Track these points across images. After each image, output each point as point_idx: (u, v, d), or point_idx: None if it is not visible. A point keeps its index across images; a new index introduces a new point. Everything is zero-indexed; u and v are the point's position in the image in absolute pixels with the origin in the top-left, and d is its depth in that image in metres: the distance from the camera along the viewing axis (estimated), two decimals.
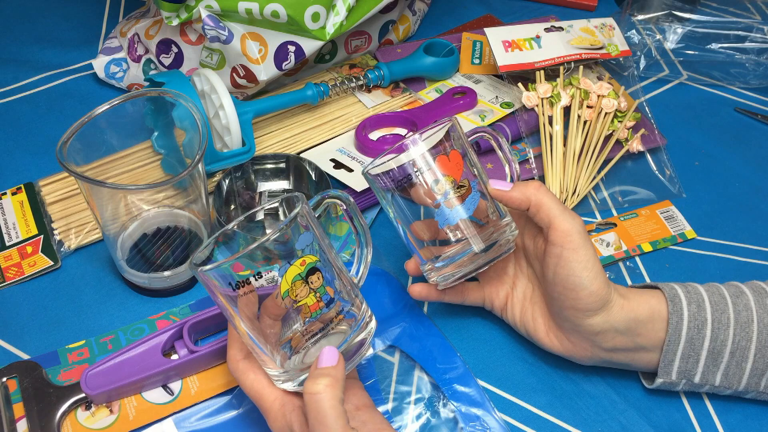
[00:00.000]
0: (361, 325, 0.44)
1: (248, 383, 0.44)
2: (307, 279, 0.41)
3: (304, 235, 0.42)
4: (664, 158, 0.72)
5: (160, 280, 0.57)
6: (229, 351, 0.46)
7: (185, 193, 0.57)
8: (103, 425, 0.49)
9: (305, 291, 0.41)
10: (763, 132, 0.78)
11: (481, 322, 0.57)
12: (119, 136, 0.57)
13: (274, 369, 0.43)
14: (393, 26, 0.81)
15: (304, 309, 0.41)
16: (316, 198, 0.46)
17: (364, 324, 0.45)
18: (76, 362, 0.53)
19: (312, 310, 0.42)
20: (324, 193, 0.47)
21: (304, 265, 0.41)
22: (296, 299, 0.41)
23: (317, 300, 0.42)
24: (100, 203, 0.53)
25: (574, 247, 0.46)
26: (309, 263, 0.41)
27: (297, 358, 0.43)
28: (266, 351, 0.42)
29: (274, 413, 0.43)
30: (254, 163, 0.65)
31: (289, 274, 0.40)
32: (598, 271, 0.47)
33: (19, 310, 0.57)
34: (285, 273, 0.40)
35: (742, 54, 0.82)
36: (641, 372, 0.53)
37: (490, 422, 0.50)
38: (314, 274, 0.41)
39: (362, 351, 0.44)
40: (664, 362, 0.49)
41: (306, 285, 0.41)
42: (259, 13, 0.65)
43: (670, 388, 0.51)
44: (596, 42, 0.77)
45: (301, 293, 0.41)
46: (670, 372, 0.49)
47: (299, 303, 0.41)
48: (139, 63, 0.74)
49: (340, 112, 0.73)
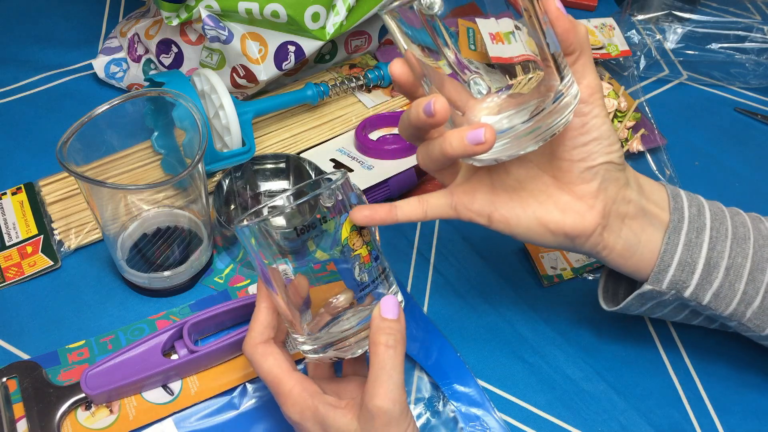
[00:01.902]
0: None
1: (266, 367, 0.43)
2: (360, 231, 0.43)
3: (353, 193, 0.44)
4: (664, 158, 0.72)
5: (160, 280, 0.57)
6: (249, 333, 0.45)
7: (185, 193, 0.57)
8: (103, 425, 0.49)
9: (360, 242, 0.43)
10: (763, 132, 0.78)
11: (481, 322, 0.57)
12: (119, 136, 0.57)
13: (301, 335, 0.44)
14: None
15: (359, 260, 0.42)
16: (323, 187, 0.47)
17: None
18: (76, 362, 0.53)
19: (365, 261, 0.43)
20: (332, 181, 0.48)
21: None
22: (353, 247, 0.42)
23: (368, 252, 0.43)
24: (100, 203, 0.53)
25: (600, 105, 0.43)
26: None
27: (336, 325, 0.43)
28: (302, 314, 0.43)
29: (293, 399, 0.42)
30: (254, 163, 0.65)
31: (348, 224, 0.42)
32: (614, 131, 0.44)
33: (19, 310, 0.57)
34: (344, 222, 0.42)
35: (742, 54, 0.82)
36: (603, 295, 0.51)
37: (490, 422, 0.50)
38: (364, 229, 0.43)
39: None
40: (660, 266, 0.46)
41: (360, 236, 0.43)
42: (259, 13, 0.65)
43: (648, 302, 0.48)
44: (596, 42, 0.77)
45: (356, 243, 0.42)
46: (662, 279, 0.46)
47: (355, 252, 0.42)
48: (139, 63, 0.74)
49: (340, 112, 0.73)
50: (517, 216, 0.45)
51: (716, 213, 0.47)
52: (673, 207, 0.47)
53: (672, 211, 0.46)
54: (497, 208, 0.45)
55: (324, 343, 0.43)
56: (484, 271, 0.61)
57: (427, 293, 0.59)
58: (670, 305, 0.49)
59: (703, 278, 0.46)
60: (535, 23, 0.39)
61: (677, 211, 0.46)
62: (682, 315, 0.50)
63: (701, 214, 0.47)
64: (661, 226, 0.46)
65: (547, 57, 0.39)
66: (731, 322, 0.48)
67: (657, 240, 0.46)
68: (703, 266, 0.46)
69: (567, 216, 0.44)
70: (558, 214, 0.44)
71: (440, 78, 0.41)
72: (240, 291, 0.58)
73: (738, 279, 0.46)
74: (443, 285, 0.60)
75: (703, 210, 0.47)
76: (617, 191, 0.45)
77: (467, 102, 0.41)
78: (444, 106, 0.39)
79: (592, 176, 0.44)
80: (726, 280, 0.46)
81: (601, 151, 0.43)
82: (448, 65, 0.40)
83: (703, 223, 0.46)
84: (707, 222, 0.47)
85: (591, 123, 0.42)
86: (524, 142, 0.40)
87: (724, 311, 0.47)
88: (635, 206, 0.45)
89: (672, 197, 0.47)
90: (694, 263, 0.46)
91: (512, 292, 0.60)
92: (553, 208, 0.44)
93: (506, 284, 0.60)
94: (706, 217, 0.47)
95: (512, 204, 0.45)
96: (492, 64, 0.40)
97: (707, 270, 0.46)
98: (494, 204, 0.45)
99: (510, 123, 0.40)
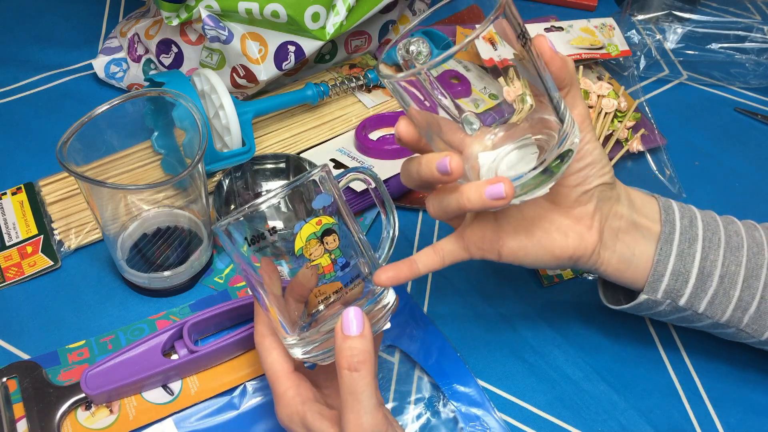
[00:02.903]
0: (378, 299, 0.44)
1: (269, 362, 0.44)
2: (322, 239, 0.41)
3: (322, 195, 0.41)
4: (664, 158, 0.72)
5: (160, 280, 0.57)
6: (255, 326, 0.45)
7: (185, 193, 0.57)
8: (103, 425, 0.49)
9: (320, 251, 0.41)
10: (763, 132, 0.78)
11: (481, 322, 0.57)
12: (119, 136, 0.57)
13: (288, 337, 0.43)
14: (393, 26, 0.81)
15: (318, 269, 0.41)
16: (343, 173, 0.46)
17: (382, 297, 0.44)
18: (76, 362, 0.53)
19: (326, 271, 0.41)
20: (353, 168, 0.46)
21: (319, 225, 0.41)
22: (310, 258, 0.41)
23: (331, 261, 0.41)
24: (100, 203, 0.53)
25: (591, 131, 0.45)
26: (325, 224, 0.41)
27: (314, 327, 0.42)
28: (284, 320, 0.42)
29: (286, 401, 0.43)
30: (254, 163, 0.65)
31: (304, 232, 0.40)
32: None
33: (19, 310, 0.57)
34: (300, 230, 0.40)
35: (742, 54, 0.82)
36: (604, 295, 0.52)
37: (490, 422, 0.50)
38: (330, 236, 0.41)
39: (380, 324, 0.44)
40: (653, 276, 0.47)
41: (321, 245, 0.41)
42: (259, 13, 0.65)
43: (645, 311, 0.49)
44: (596, 42, 0.77)
45: (315, 252, 0.41)
46: (657, 289, 0.47)
47: (313, 262, 0.41)
48: (139, 63, 0.74)
49: (340, 112, 0.73)
50: (524, 247, 0.46)
51: (709, 223, 0.48)
52: (665, 219, 0.47)
53: (663, 223, 0.47)
54: (505, 243, 0.46)
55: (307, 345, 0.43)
56: (484, 271, 0.61)
57: (427, 293, 0.59)
58: (667, 315, 0.50)
59: (698, 287, 0.47)
60: (531, 68, 0.40)
61: (668, 223, 0.47)
62: (680, 323, 0.51)
63: (693, 224, 0.48)
64: (653, 238, 0.47)
65: (542, 94, 0.40)
66: (729, 329, 0.49)
67: (650, 252, 0.47)
68: (696, 275, 0.47)
69: (569, 239, 0.46)
70: (561, 238, 0.46)
71: (438, 124, 0.42)
72: (240, 291, 0.58)
73: (733, 286, 0.47)
74: (443, 285, 0.60)
75: (695, 221, 0.48)
76: (610, 208, 0.46)
77: (463, 140, 0.42)
78: (459, 165, 0.40)
79: (588, 198, 0.45)
80: (720, 288, 0.47)
81: (595, 174, 0.45)
82: (446, 113, 0.41)
83: (695, 234, 0.47)
84: (699, 232, 0.48)
85: (585, 149, 0.44)
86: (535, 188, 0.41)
87: (720, 318, 0.48)
88: (626, 221, 0.47)
89: (663, 209, 0.48)
90: (688, 272, 0.47)
91: (512, 292, 0.60)
92: (556, 234, 0.46)
93: (506, 284, 0.60)
94: (698, 227, 0.48)
95: (518, 237, 0.46)
96: (485, 66, 0.40)
97: (701, 279, 0.47)
98: (501, 240, 0.46)
99: (516, 172, 0.41)
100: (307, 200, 0.41)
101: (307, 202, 0.41)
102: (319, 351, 0.42)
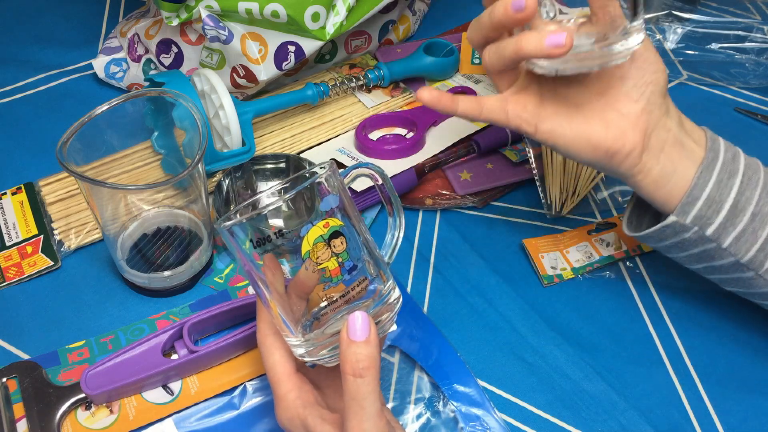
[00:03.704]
0: (385, 300, 0.43)
1: (270, 363, 0.43)
2: (330, 242, 0.40)
3: (329, 197, 0.41)
4: None
5: (160, 280, 0.57)
6: (258, 324, 0.44)
7: (185, 193, 0.57)
8: (103, 425, 0.49)
9: (327, 254, 0.40)
10: (763, 132, 0.78)
11: (481, 322, 0.57)
12: (119, 136, 0.57)
13: (293, 337, 0.42)
14: (393, 26, 0.81)
15: (325, 273, 0.40)
16: (348, 169, 0.46)
17: (388, 298, 0.43)
18: (76, 362, 0.53)
19: (333, 274, 0.40)
20: (358, 164, 0.46)
21: (327, 228, 0.40)
22: (317, 261, 0.40)
23: (339, 265, 0.40)
24: (100, 203, 0.53)
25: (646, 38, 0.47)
26: (333, 226, 0.40)
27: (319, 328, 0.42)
28: (287, 318, 0.41)
29: (287, 403, 0.42)
30: (254, 163, 0.65)
31: (311, 235, 0.40)
32: None
33: (19, 310, 0.57)
34: (307, 233, 0.39)
35: (742, 54, 0.82)
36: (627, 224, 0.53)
37: (490, 422, 0.50)
38: (337, 238, 0.41)
39: (386, 327, 0.43)
40: (688, 198, 0.47)
41: (328, 248, 0.40)
42: (259, 13, 0.65)
43: (669, 239, 0.49)
44: None
45: (322, 256, 0.40)
46: (688, 212, 0.47)
47: (320, 266, 0.40)
48: (139, 63, 0.74)
49: (340, 112, 0.73)
50: (562, 128, 0.47)
51: (750, 164, 0.49)
52: (710, 146, 0.48)
53: (708, 150, 0.48)
54: (544, 120, 0.47)
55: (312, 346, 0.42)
56: (484, 271, 0.61)
57: (427, 293, 0.59)
58: (690, 247, 0.49)
59: (728, 219, 0.47)
60: None
61: (713, 151, 0.48)
62: (697, 265, 0.50)
63: (736, 159, 0.48)
64: (696, 161, 0.48)
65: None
66: (748, 272, 0.48)
67: (691, 172, 0.47)
68: (729, 207, 0.47)
69: (610, 131, 0.46)
70: (601, 129, 0.46)
71: None
72: (240, 291, 0.58)
73: (762, 227, 0.47)
74: (443, 285, 0.60)
75: (738, 156, 0.48)
76: (659, 117, 0.46)
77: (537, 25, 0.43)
78: (534, 1, 0.41)
79: (638, 96, 0.46)
80: (750, 226, 0.47)
81: (648, 71, 0.45)
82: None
83: (737, 168, 0.48)
84: (740, 167, 0.48)
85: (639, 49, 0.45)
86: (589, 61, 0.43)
87: (743, 257, 0.48)
88: (674, 136, 0.47)
89: (710, 139, 0.48)
90: (722, 202, 0.47)
91: (512, 292, 0.60)
92: (597, 123, 0.46)
93: (506, 284, 0.60)
94: (741, 162, 0.48)
95: (559, 117, 0.47)
96: None
97: (733, 212, 0.47)
98: (541, 115, 0.47)
99: (578, 41, 0.43)
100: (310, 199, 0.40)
101: (311, 201, 0.40)
102: (324, 353, 0.42)
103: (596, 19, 0.43)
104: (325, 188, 0.41)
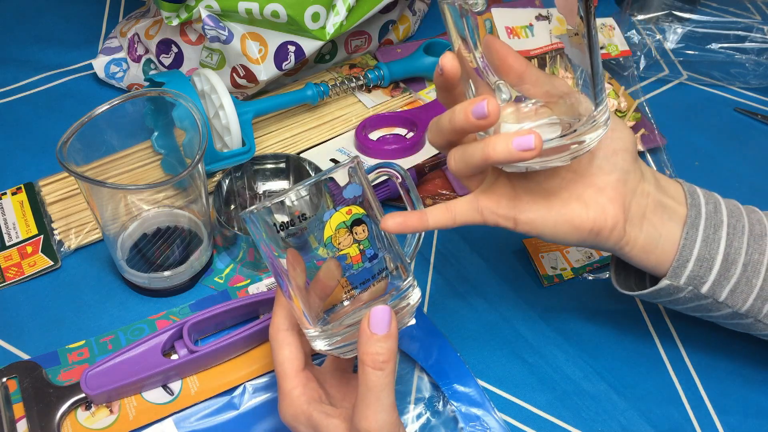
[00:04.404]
0: (404, 294, 0.43)
1: (279, 358, 0.43)
2: (352, 229, 0.40)
3: (352, 185, 0.41)
4: (664, 158, 0.72)
5: (160, 280, 0.57)
6: (273, 317, 0.44)
7: (185, 193, 0.57)
8: (103, 425, 0.49)
9: (348, 240, 0.40)
10: (763, 132, 0.78)
11: (481, 322, 0.57)
12: (119, 136, 0.57)
13: (311, 329, 0.42)
14: (393, 26, 0.81)
15: (345, 260, 0.40)
16: (373, 166, 0.46)
17: (407, 293, 0.43)
18: (76, 362, 0.53)
19: (354, 261, 0.40)
20: (382, 164, 0.46)
21: (350, 214, 0.40)
22: (338, 247, 0.40)
23: (360, 252, 0.40)
24: (100, 203, 0.53)
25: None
26: (355, 213, 0.40)
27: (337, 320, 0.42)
28: (307, 311, 0.41)
29: (291, 399, 0.42)
30: (254, 163, 0.65)
31: (334, 221, 0.40)
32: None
33: (19, 310, 0.57)
34: (329, 218, 0.40)
35: (742, 54, 0.82)
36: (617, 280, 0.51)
37: (490, 422, 0.50)
38: (359, 226, 0.41)
39: (405, 320, 0.43)
40: (678, 261, 0.46)
41: (350, 234, 0.40)
42: (259, 13, 0.65)
43: (663, 298, 0.48)
44: None
45: (344, 242, 0.40)
46: (680, 275, 0.46)
47: (341, 252, 0.40)
48: (139, 63, 0.74)
49: (340, 112, 0.73)
50: (542, 217, 0.45)
51: (732, 210, 0.48)
52: (690, 203, 0.47)
53: (689, 207, 0.47)
54: (522, 212, 0.45)
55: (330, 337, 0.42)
56: (484, 271, 0.61)
57: (427, 293, 0.59)
58: (686, 302, 0.49)
59: (721, 274, 0.46)
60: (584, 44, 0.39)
61: (694, 207, 0.47)
62: (694, 314, 0.50)
63: (717, 210, 0.47)
64: (680, 221, 0.47)
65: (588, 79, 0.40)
66: (747, 320, 0.48)
67: (677, 234, 0.46)
68: (721, 262, 0.46)
69: (590, 210, 0.44)
70: (582, 209, 0.44)
71: (477, 82, 0.41)
72: (240, 291, 0.58)
73: (755, 275, 0.46)
74: (443, 285, 0.60)
75: (720, 207, 0.47)
76: (636, 184, 0.45)
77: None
78: (497, 109, 0.39)
79: (611, 167, 0.44)
80: (743, 276, 0.46)
81: (614, 137, 0.44)
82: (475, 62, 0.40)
83: (720, 220, 0.47)
84: (724, 218, 0.47)
85: None
86: (558, 157, 0.41)
87: (741, 307, 0.47)
88: (653, 200, 0.46)
89: (688, 193, 0.47)
90: (712, 258, 0.46)
91: (512, 292, 0.60)
92: (576, 205, 0.45)
93: (506, 284, 0.60)
94: (723, 213, 0.47)
95: (536, 206, 0.45)
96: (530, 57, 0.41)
97: (725, 266, 0.46)
98: (518, 207, 0.45)
99: (545, 135, 0.40)
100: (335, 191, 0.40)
101: (336, 192, 0.40)
102: (342, 344, 0.42)
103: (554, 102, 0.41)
104: (349, 178, 0.41)
